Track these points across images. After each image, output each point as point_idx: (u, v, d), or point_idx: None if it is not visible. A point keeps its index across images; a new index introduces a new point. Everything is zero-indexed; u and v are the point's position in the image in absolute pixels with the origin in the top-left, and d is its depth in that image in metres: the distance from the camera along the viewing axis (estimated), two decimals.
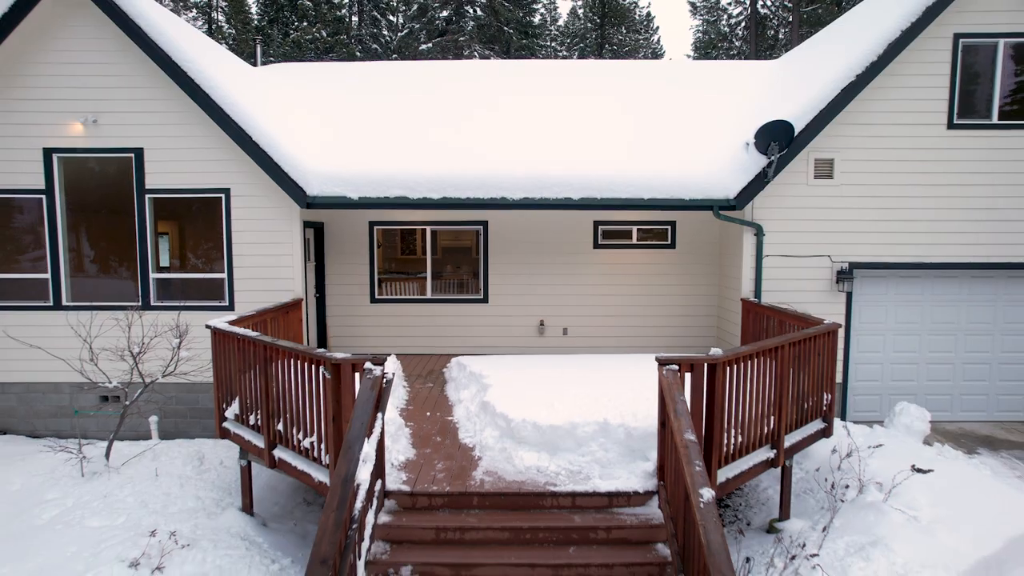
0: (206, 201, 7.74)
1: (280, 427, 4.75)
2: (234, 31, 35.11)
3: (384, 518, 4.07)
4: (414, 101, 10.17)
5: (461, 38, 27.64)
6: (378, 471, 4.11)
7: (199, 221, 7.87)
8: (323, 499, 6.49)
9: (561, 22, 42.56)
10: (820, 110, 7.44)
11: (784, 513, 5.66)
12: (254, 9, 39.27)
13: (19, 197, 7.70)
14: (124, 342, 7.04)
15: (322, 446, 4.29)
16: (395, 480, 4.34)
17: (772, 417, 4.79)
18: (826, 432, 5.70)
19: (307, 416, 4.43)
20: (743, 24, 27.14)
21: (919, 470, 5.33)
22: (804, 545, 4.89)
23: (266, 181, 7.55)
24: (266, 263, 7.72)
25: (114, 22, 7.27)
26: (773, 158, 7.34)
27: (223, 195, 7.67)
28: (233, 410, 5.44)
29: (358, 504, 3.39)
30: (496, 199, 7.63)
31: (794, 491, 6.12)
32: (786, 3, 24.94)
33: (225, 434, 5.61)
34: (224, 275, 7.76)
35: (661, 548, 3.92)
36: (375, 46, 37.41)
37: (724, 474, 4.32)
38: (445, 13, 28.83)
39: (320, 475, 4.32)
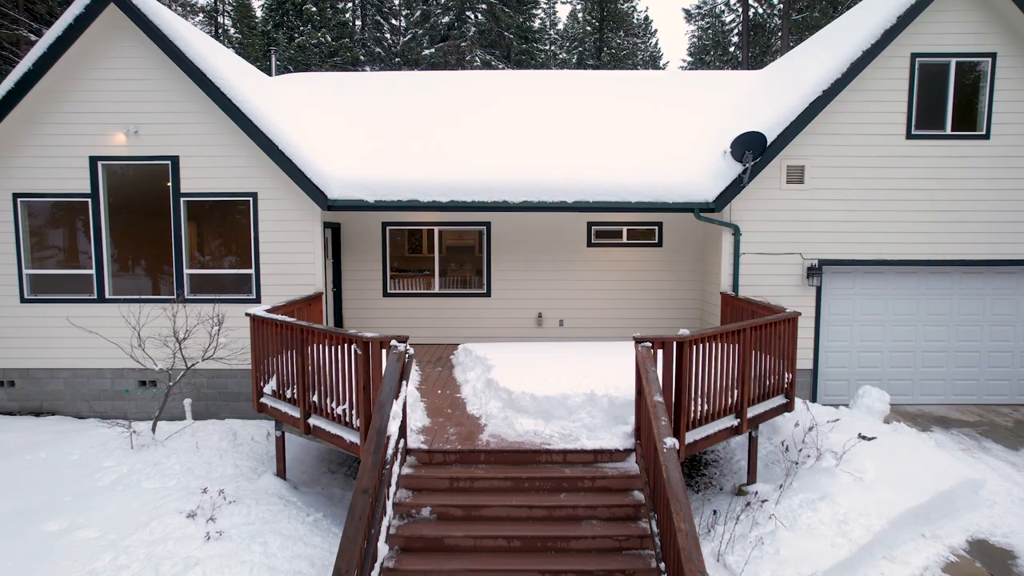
0: (235, 203, 8.55)
1: (315, 398, 5.57)
2: (240, 35, 35.88)
3: (407, 470, 4.89)
4: (421, 111, 10.99)
5: (463, 43, 28.44)
6: (402, 431, 4.93)
7: (228, 222, 8.69)
8: (345, 469, 7.34)
9: (560, 26, 43.36)
10: (791, 121, 8.24)
11: (751, 478, 6.49)
12: (259, 13, 40.09)
13: (67, 200, 8.52)
14: (163, 331, 7.88)
15: (353, 412, 5.10)
16: (415, 441, 5.16)
17: (736, 390, 5.61)
18: (788, 407, 6.52)
19: (340, 387, 5.25)
20: (736, 31, 27.95)
21: (864, 437, 6.16)
22: (764, 501, 5.73)
23: (290, 186, 8.37)
24: (289, 260, 8.53)
25: (154, 42, 8.08)
26: (748, 165, 8.16)
27: (251, 199, 8.49)
28: (270, 386, 6.26)
29: (389, 451, 4.21)
30: (498, 202, 8.46)
31: (763, 462, 6.94)
32: (776, 13, 25.74)
33: (262, 408, 6.42)
34: (251, 271, 8.58)
35: (636, 494, 4.74)
36: (378, 50, 38.22)
37: (692, 436, 5.14)
38: (447, 19, 29.62)
39: (351, 437, 5.14)
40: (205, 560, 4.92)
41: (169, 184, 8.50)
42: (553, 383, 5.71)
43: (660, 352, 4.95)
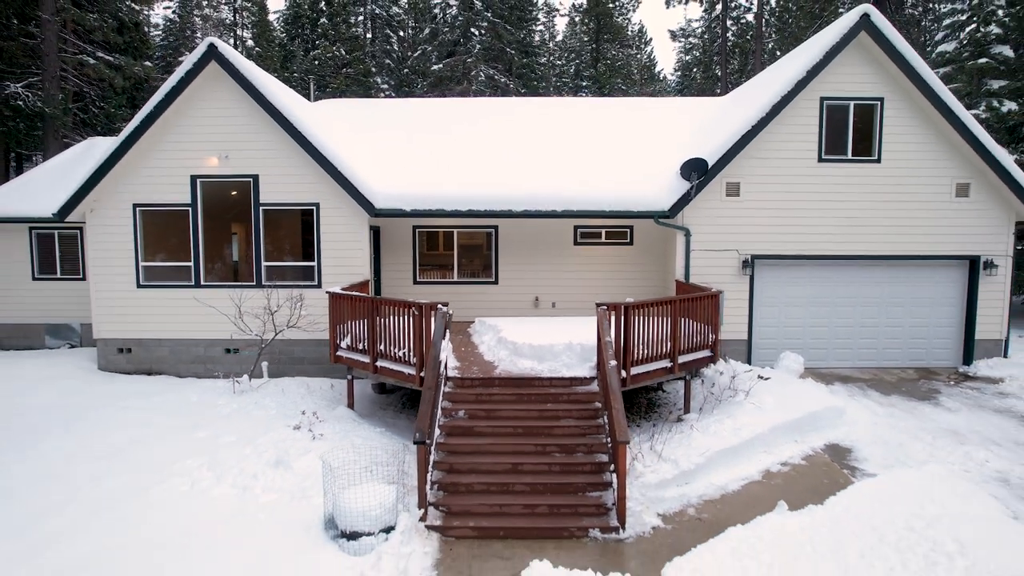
0: (302, 211, 11.12)
1: (381, 347, 8.16)
2: (260, 49, 38.40)
3: (447, 389, 7.47)
4: (440, 133, 13.58)
5: (468, 59, 30.99)
6: (443, 366, 7.51)
7: (296, 225, 11.26)
8: (392, 409, 9.88)
9: (560, 37, 45.94)
10: (728, 148, 10.81)
11: (686, 410, 9.04)
12: (276, 27, 42.64)
13: (173, 209, 11.09)
14: (255, 308, 10.49)
15: (411, 354, 7.67)
16: (452, 372, 7.73)
17: (669, 343, 8.18)
18: (712, 359, 9.08)
19: (400, 338, 7.83)
20: (717, 51, 30.54)
21: (761, 377, 8.76)
22: (690, 422, 8.30)
23: (345, 198, 10.93)
24: (344, 255, 11.10)
25: (242, 88, 10.66)
26: (694, 183, 10.74)
27: (315, 207, 11.06)
28: (345, 342, 8.84)
29: (441, 368, 6.79)
30: (504, 211, 11.05)
31: (698, 402, 9.49)
32: (750, 37, 28.33)
33: (338, 359, 9.00)
34: (315, 263, 11.15)
35: (596, 403, 7.31)
36: (388, 61, 40.83)
37: (635, 370, 7.70)
38: (453, 36, 32.18)
39: (409, 370, 7.71)
40: (314, 449, 7.49)
41: (251, 196, 11.08)
42: (545, 338, 8.29)
43: (613, 313, 7.53)
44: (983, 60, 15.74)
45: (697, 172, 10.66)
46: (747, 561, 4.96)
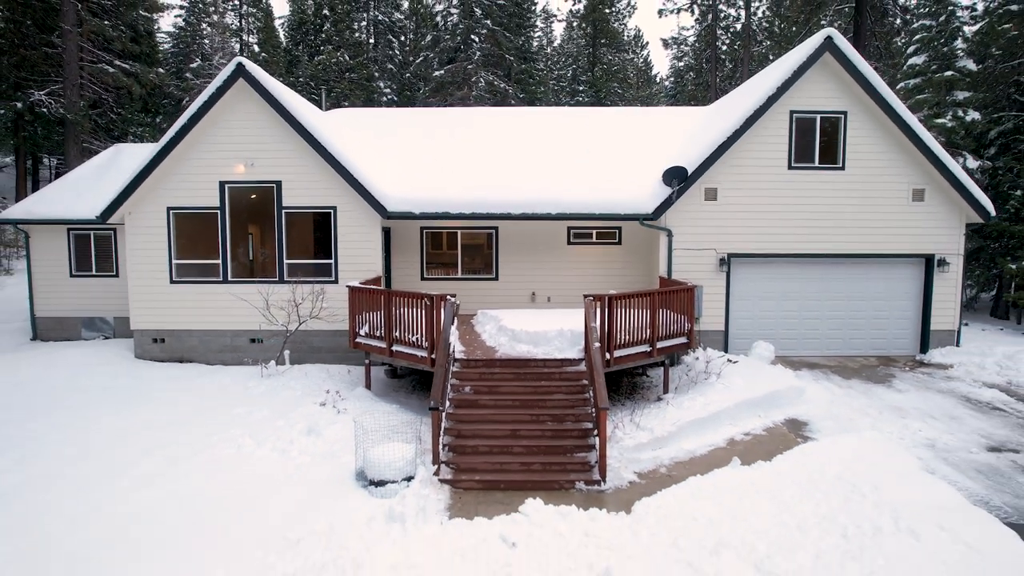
0: (321, 214, 12.26)
1: (396, 334, 9.31)
2: (266, 55, 39.53)
3: (455, 369, 8.62)
4: (446, 141, 14.73)
5: (469, 65, 32.13)
6: (452, 349, 8.66)
7: (315, 226, 12.40)
8: (404, 391, 11.02)
9: (557, 43, 47.12)
10: (706, 157, 11.96)
11: (665, 390, 10.20)
12: (282, 35, 43.77)
13: (202, 212, 12.22)
14: (280, 301, 11.63)
15: (423, 340, 8.82)
16: (459, 354, 8.89)
17: (648, 330, 9.33)
18: (688, 346, 10.25)
19: (413, 326, 8.98)
20: (706, 59, 31.75)
21: (730, 361, 9.92)
22: (668, 399, 9.46)
23: (360, 201, 12.06)
24: (358, 253, 12.24)
25: (267, 102, 11.81)
26: (675, 189, 11.89)
27: (332, 210, 12.20)
28: (364, 330, 9.99)
29: (450, 351, 7.95)
30: (504, 214, 12.20)
31: (677, 384, 10.65)
32: (737, 47, 29.53)
33: (357, 346, 10.15)
34: (332, 261, 12.29)
35: (583, 381, 8.45)
36: (390, 66, 41.96)
37: (617, 353, 8.86)
38: (454, 43, 33.32)
39: (422, 353, 8.86)
40: (339, 421, 8.63)
41: (274, 200, 12.22)
42: (539, 326, 9.44)
43: (598, 304, 8.69)
44: (949, 72, 16.89)
45: (678, 179, 11.82)
46: (702, 500, 6.12)
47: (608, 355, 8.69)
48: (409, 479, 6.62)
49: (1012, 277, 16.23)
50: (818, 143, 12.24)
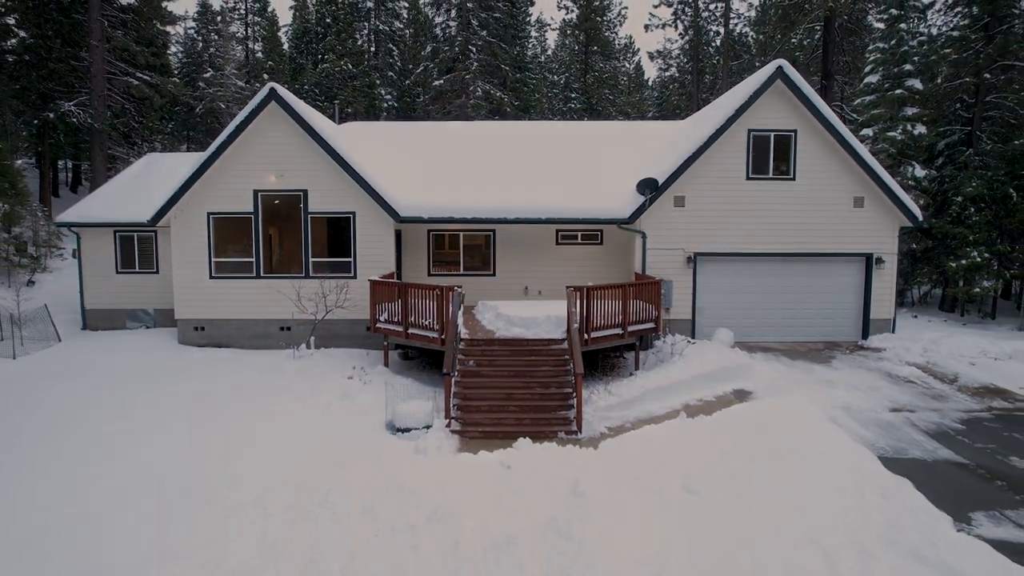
0: (341, 218, 14.12)
1: (411, 319, 11.19)
2: (272, 63, 41.28)
3: (461, 347, 10.51)
4: (449, 152, 16.62)
5: (466, 75, 34.00)
6: (458, 331, 10.54)
7: (336, 229, 14.26)
8: (417, 369, 12.88)
9: (550, 51, 49.04)
10: (675, 169, 13.87)
11: (636, 367, 12.11)
12: (286, 44, 45.51)
13: (238, 216, 14.06)
14: (305, 294, 13.48)
15: (435, 324, 10.70)
16: (464, 335, 10.78)
17: (621, 315, 11.24)
18: (655, 331, 12.17)
19: (426, 312, 10.86)
20: (689, 71, 33.71)
21: (689, 342, 11.85)
22: (638, 375, 11.37)
23: (375, 207, 13.92)
24: (374, 252, 14.09)
25: (295, 122, 13.66)
26: (648, 197, 13.81)
27: (351, 215, 14.06)
28: (383, 316, 11.87)
29: (456, 332, 9.85)
30: (500, 218, 14.10)
31: (646, 364, 12.54)
32: (717, 61, 31.54)
33: (378, 330, 12.02)
34: (351, 259, 14.14)
35: (565, 356, 10.35)
36: (391, 73, 43.78)
37: (594, 334, 10.76)
38: (452, 54, 35.17)
39: (433, 335, 10.75)
40: (366, 391, 10.50)
41: (301, 206, 14.07)
42: (531, 313, 11.34)
43: (578, 294, 10.59)
44: (899, 91, 18.88)
45: (650, 188, 13.74)
46: (652, 440, 8.02)
47: (586, 335, 10.61)
48: (428, 427, 8.51)
49: (953, 274, 18.23)
50: (772, 157, 14.18)
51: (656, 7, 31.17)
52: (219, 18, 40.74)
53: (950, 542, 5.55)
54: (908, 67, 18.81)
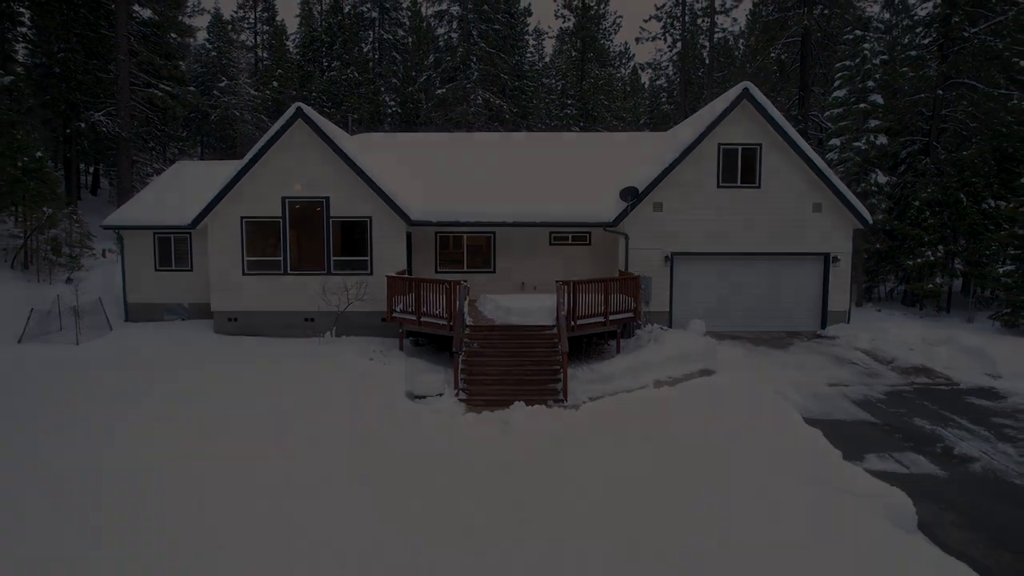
0: (359, 222, 15.94)
1: (424, 309, 13.04)
2: (281, 71, 43.05)
3: (466, 332, 12.35)
4: (453, 162, 18.47)
5: (467, 84, 35.85)
6: (463, 318, 12.39)
7: (355, 231, 16.09)
8: (428, 353, 14.72)
9: (548, 59, 50.91)
10: (653, 179, 15.71)
11: (617, 351, 13.94)
12: (291, 48, 47.31)
13: (267, 220, 15.89)
14: (329, 288, 15.33)
15: (444, 313, 12.54)
16: (468, 323, 12.63)
17: (603, 306, 13.09)
18: (634, 319, 14.02)
19: (437, 302, 12.71)
20: (678, 82, 35.62)
21: (662, 329, 13.71)
22: (618, 358, 13.21)
23: (389, 212, 15.76)
24: (387, 252, 15.93)
25: (319, 136, 15.49)
26: (629, 203, 15.66)
27: (368, 220, 15.90)
28: (399, 307, 13.72)
29: (462, 319, 11.72)
30: (500, 222, 15.96)
31: (627, 349, 14.38)
32: (702, 73, 33.44)
33: (394, 319, 13.86)
34: (367, 258, 15.97)
35: (554, 340, 12.18)
36: (394, 80, 45.61)
37: (580, 322, 12.62)
38: (454, 64, 37.01)
39: (442, 322, 12.59)
40: (385, 370, 12.33)
41: (324, 212, 15.90)
42: (526, 304, 13.19)
43: (566, 287, 12.43)
44: (863, 104, 20.73)
45: (631, 196, 15.60)
46: (624, 404, 9.88)
47: (573, 322, 12.45)
48: (440, 395, 10.37)
49: (911, 272, 20.10)
50: (740, 168, 16.03)
51: (647, 21, 33.10)
52: (229, 27, 42.54)
53: (838, 469, 7.40)
54: (871, 83, 20.67)
